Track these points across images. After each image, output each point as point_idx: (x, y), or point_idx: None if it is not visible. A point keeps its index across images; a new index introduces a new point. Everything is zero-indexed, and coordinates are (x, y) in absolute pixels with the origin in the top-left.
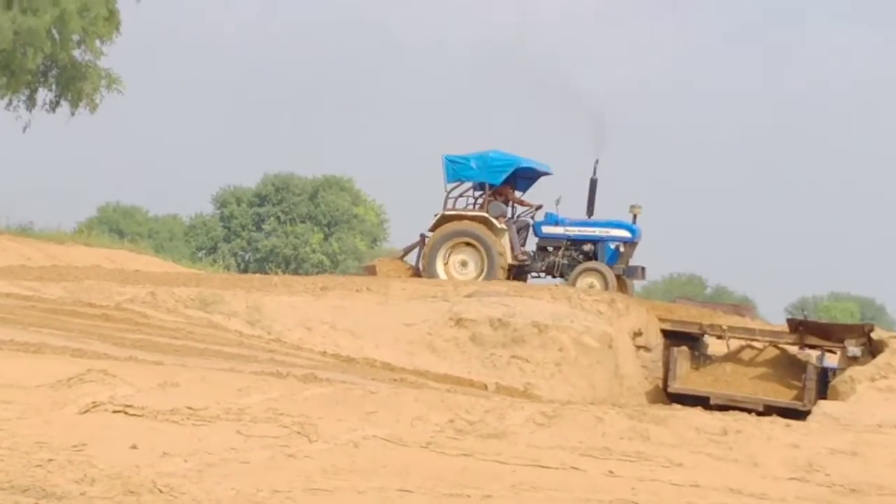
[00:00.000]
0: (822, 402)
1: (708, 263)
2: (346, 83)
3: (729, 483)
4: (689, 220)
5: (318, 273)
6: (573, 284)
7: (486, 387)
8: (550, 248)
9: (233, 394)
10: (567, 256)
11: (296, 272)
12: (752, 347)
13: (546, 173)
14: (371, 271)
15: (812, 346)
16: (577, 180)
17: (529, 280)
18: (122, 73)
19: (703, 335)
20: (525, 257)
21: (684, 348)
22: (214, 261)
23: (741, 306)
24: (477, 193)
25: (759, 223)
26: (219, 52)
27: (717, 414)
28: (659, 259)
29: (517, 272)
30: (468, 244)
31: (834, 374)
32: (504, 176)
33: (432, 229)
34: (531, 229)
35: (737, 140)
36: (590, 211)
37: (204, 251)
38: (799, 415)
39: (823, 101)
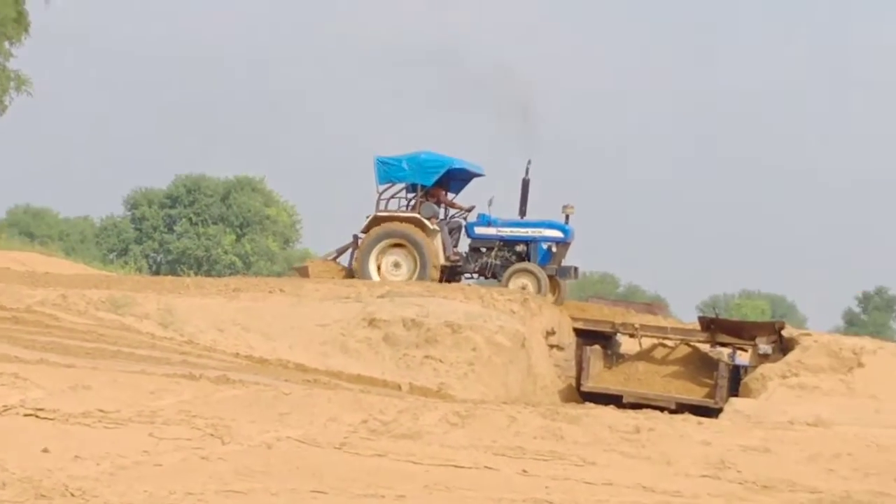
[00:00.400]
0: (733, 400)
1: (620, 262)
2: (259, 83)
3: (642, 481)
4: (601, 219)
5: (230, 274)
6: (506, 285)
7: (399, 387)
8: (483, 249)
9: (145, 396)
10: (500, 257)
11: (208, 274)
12: (665, 346)
13: (478, 174)
14: (304, 273)
15: (724, 344)
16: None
17: (463, 281)
18: (32, 74)
19: (615, 334)
20: (457, 258)
21: (597, 347)
22: (126, 263)
23: (653, 304)
24: (409, 195)
25: (671, 222)
26: (129, 53)
27: (630, 412)
28: (571, 258)
29: (450, 273)
30: (401, 245)
31: (745, 372)
32: (436, 177)
33: (365, 230)
34: (464, 230)
35: (653, 140)
36: (522, 211)
37: (115, 253)
38: (711, 412)
39: (735, 105)
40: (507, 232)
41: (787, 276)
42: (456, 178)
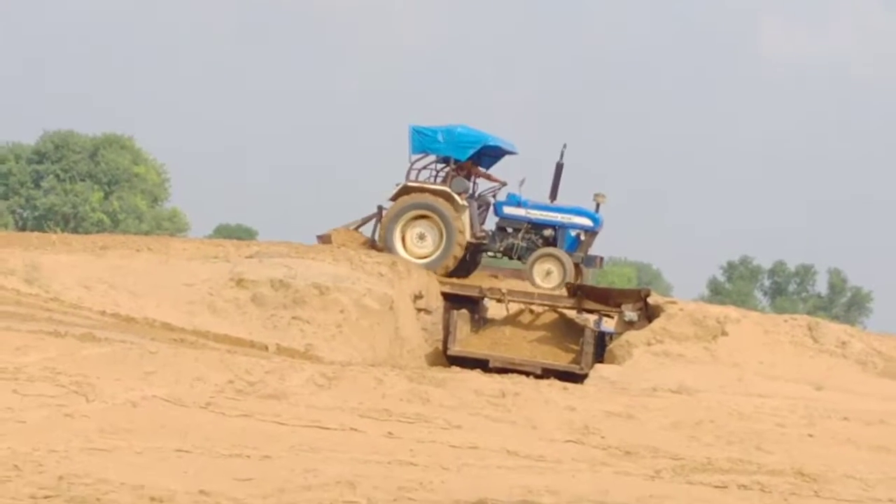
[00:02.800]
0: (598, 366)
1: None
2: (128, 37)
3: (507, 445)
4: None
5: (97, 232)
6: (531, 268)
7: (266, 348)
8: (510, 230)
9: (9, 352)
10: (526, 239)
11: (75, 231)
12: (531, 311)
13: (511, 152)
14: (326, 240)
15: (590, 311)
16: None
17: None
18: None
19: (483, 298)
20: (483, 235)
21: (464, 311)
22: None
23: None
24: (440, 167)
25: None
26: None
27: (496, 377)
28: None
29: (474, 250)
30: (427, 217)
31: (611, 339)
32: (471, 152)
33: (393, 199)
34: (492, 208)
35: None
36: (553, 195)
37: None
38: (576, 378)
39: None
40: (536, 215)
41: (652, 243)
42: (488, 155)
